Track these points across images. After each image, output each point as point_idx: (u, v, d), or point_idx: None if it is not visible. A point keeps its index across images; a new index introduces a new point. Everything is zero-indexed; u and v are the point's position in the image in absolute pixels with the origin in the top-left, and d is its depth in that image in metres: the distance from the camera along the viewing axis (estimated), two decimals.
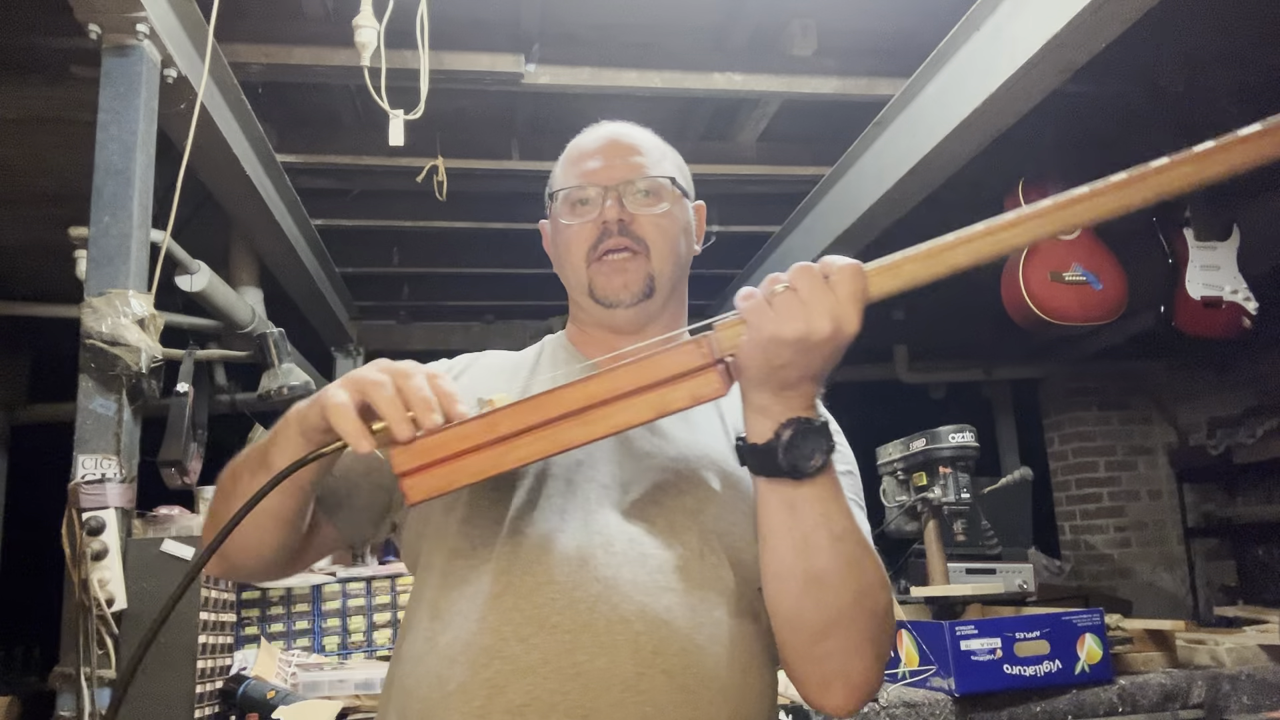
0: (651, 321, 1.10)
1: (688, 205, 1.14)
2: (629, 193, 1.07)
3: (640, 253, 1.06)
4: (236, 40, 2.30)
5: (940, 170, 2.51)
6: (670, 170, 1.12)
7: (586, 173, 1.09)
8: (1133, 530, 4.88)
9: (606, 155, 1.10)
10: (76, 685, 1.53)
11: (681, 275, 1.13)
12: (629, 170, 1.08)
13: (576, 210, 1.08)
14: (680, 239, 1.10)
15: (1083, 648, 1.94)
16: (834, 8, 2.48)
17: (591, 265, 1.07)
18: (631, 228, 1.06)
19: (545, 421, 0.79)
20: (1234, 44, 2.55)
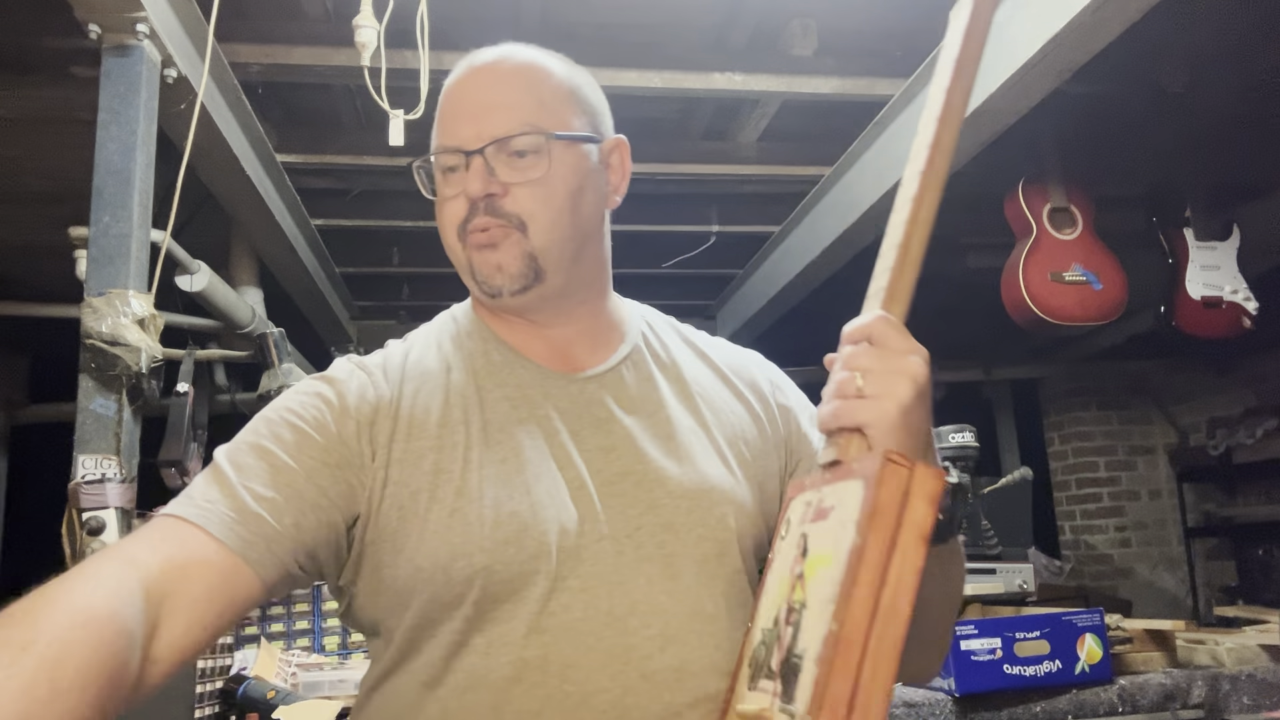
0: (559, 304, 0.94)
1: (585, 152, 0.92)
2: (497, 156, 0.88)
3: (514, 228, 0.88)
4: (236, 40, 2.30)
5: None
6: (552, 118, 0.90)
7: (446, 131, 0.91)
8: (1133, 530, 4.89)
9: (468, 106, 0.90)
10: None
11: (585, 243, 0.94)
12: (495, 125, 0.88)
13: (448, 179, 0.91)
14: (572, 201, 0.90)
15: (1083, 648, 1.94)
16: (834, 8, 2.48)
17: (465, 246, 0.91)
18: (503, 203, 0.88)
19: (859, 673, 0.64)
20: (1235, 43, 2.54)
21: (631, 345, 0.99)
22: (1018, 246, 2.87)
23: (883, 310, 0.77)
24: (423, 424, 0.88)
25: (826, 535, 0.72)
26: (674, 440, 0.93)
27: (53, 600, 0.66)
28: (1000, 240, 3.01)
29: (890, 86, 2.57)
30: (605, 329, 0.99)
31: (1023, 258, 2.81)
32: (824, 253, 3.12)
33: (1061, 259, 2.82)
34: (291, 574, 0.82)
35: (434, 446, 0.87)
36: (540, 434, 0.90)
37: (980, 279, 3.47)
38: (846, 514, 0.69)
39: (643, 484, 0.89)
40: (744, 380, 1.03)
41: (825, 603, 0.66)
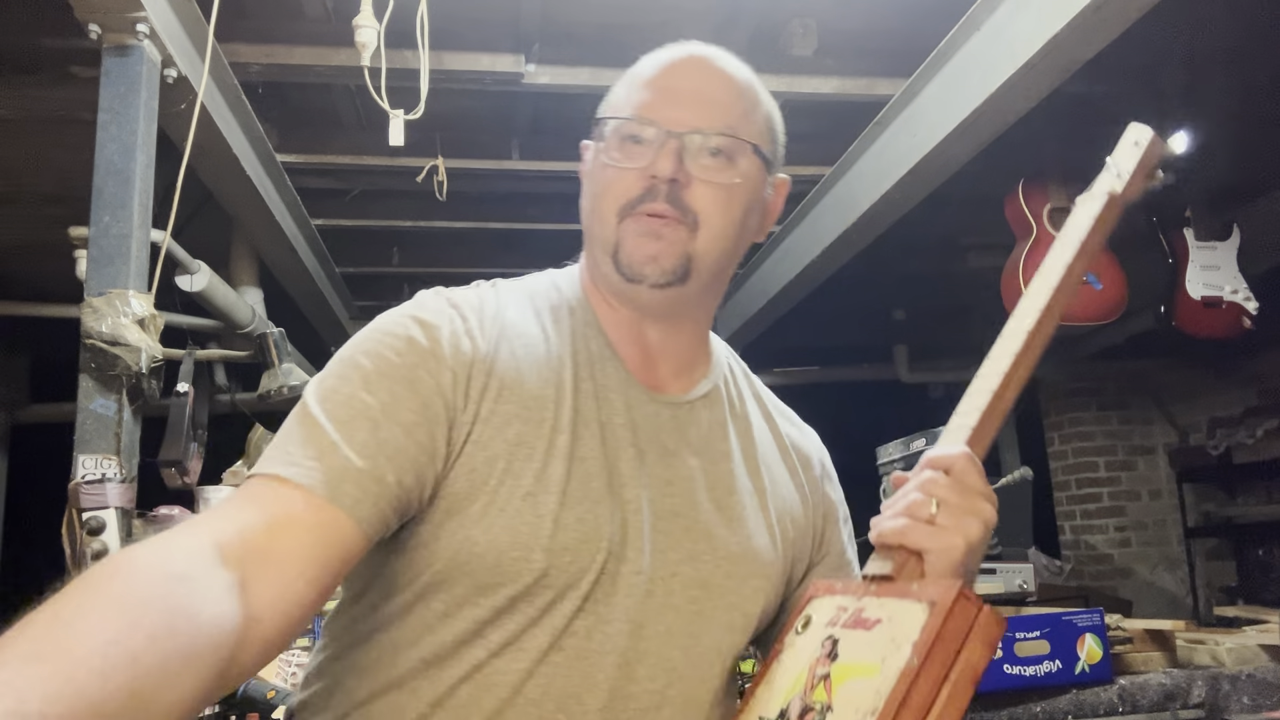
0: (681, 312, 0.92)
1: (768, 180, 0.92)
2: (694, 147, 0.85)
3: (684, 225, 0.85)
4: (236, 40, 2.30)
5: (940, 170, 2.51)
6: (755, 133, 0.89)
7: (648, 104, 0.87)
8: (1133, 530, 4.89)
9: (680, 89, 0.88)
10: None
11: (731, 261, 0.92)
12: (709, 118, 0.86)
13: (626, 149, 0.87)
14: (742, 217, 0.89)
15: (1083, 648, 1.94)
16: (834, 8, 2.48)
17: (624, 222, 0.86)
18: (683, 194, 0.85)
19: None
20: (1235, 43, 2.54)
21: (713, 384, 0.97)
22: (1018, 246, 2.88)
23: (967, 447, 0.79)
24: (514, 388, 0.83)
25: (869, 647, 0.71)
26: (731, 497, 0.91)
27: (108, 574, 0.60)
28: (1000, 240, 3.01)
29: (890, 86, 2.57)
30: (696, 357, 0.97)
31: (1023, 258, 2.81)
32: (824, 253, 3.12)
33: None
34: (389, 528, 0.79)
35: (520, 416, 0.83)
36: (615, 443, 0.87)
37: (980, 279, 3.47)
38: (901, 633, 0.69)
39: (691, 531, 0.87)
40: (800, 457, 1.02)
41: (863, 714, 0.66)
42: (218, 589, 0.63)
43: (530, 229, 3.50)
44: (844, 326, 4.49)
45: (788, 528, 0.96)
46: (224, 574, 0.64)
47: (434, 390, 0.80)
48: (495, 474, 0.80)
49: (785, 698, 0.75)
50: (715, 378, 0.97)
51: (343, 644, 0.86)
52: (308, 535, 0.71)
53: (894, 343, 4.70)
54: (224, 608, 0.63)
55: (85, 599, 0.57)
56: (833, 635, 0.76)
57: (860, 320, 4.47)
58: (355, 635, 0.85)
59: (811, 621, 0.80)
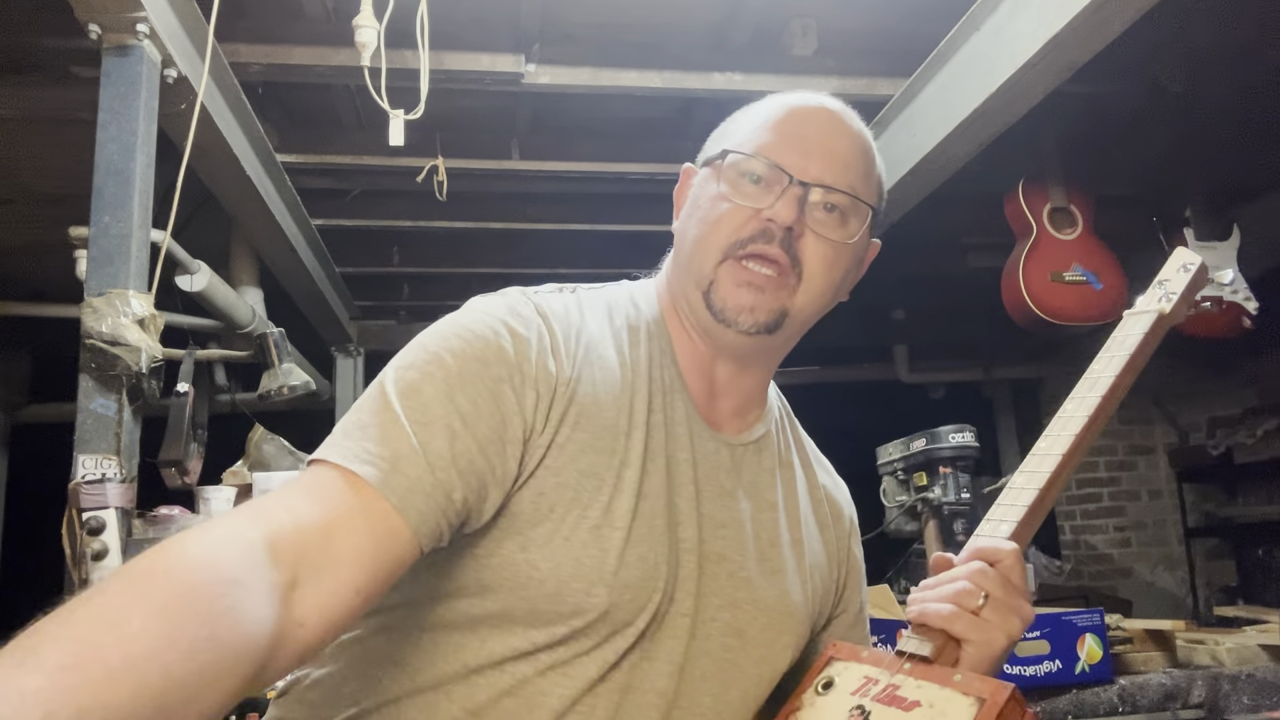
0: (758, 359, 0.92)
1: (866, 240, 0.92)
2: (815, 200, 0.85)
3: (789, 278, 0.85)
4: (236, 40, 2.30)
5: (940, 170, 2.51)
6: (874, 196, 0.91)
7: (775, 147, 0.87)
8: (1133, 530, 4.89)
9: (812, 139, 0.88)
10: None
11: (816, 319, 0.92)
12: (832, 172, 0.86)
13: (742, 186, 0.86)
14: (841, 276, 0.89)
15: (1083, 647, 1.94)
16: (834, 8, 2.48)
17: (726, 262, 0.85)
18: (798, 242, 0.85)
19: None
20: (1235, 43, 2.54)
21: (766, 429, 0.97)
22: (1018, 246, 2.87)
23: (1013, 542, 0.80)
24: (591, 416, 0.82)
25: None
26: (774, 548, 0.92)
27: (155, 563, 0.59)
28: (1000, 240, 3.01)
29: (890, 86, 2.57)
30: (755, 399, 0.97)
31: (1023, 258, 2.81)
32: None
33: (1061, 259, 2.82)
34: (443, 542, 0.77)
35: (593, 446, 0.81)
36: (678, 479, 0.86)
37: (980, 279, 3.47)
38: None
39: (735, 577, 0.87)
40: (834, 510, 1.03)
41: None
42: (264, 592, 0.61)
43: (530, 229, 3.50)
44: (844, 326, 4.49)
45: (816, 583, 0.96)
46: (274, 574, 0.62)
47: (515, 408, 0.79)
48: (564, 502, 0.79)
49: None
50: (768, 422, 0.98)
51: (368, 628, 0.84)
52: (368, 542, 0.69)
53: (894, 343, 4.70)
54: (268, 612, 0.60)
55: (131, 599, 0.55)
56: (863, 706, 0.75)
57: (860, 320, 4.47)
58: (384, 624, 0.83)
59: (834, 685, 0.80)
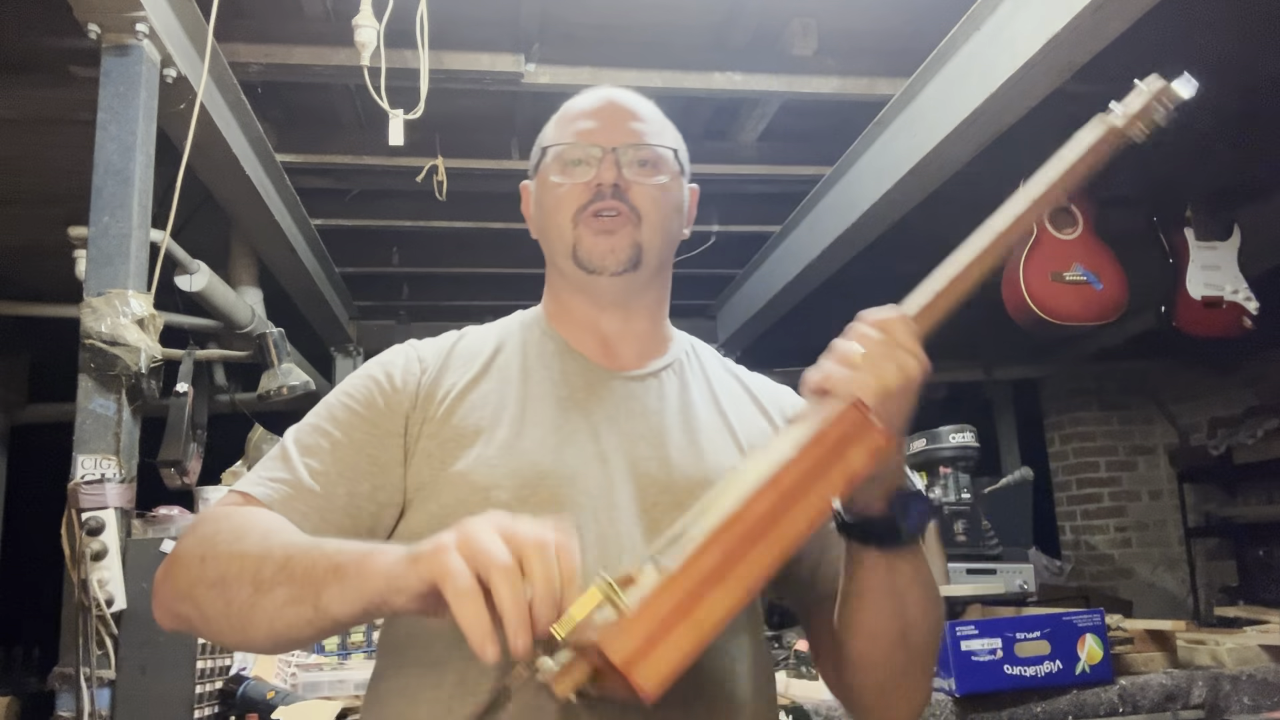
0: (635, 298, 1.04)
1: (684, 184, 1.08)
2: (627, 158, 1.01)
3: (630, 219, 1.00)
4: (236, 40, 2.30)
5: (940, 170, 2.50)
6: (671, 141, 1.06)
7: (583, 132, 1.03)
8: (1133, 530, 4.88)
9: (605, 117, 1.04)
10: (76, 685, 1.53)
11: (669, 255, 1.07)
12: (629, 135, 1.02)
13: (569, 170, 1.02)
14: (673, 216, 1.05)
15: (1083, 648, 1.94)
16: (834, 8, 2.48)
17: (579, 225, 1.00)
18: (627, 194, 1.00)
19: (736, 551, 0.68)
20: (1235, 43, 2.54)
21: (673, 358, 1.08)
22: (1018, 246, 2.87)
23: (899, 307, 0.85)
24: (463, 390, 0.98)
25: (763, 455, 0.76)
26: (699, 434, 1.00)
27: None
28: None
29: (890, 86, 2.57)
30: (655, 340, 1.08)
31: (1023, 258, 2.81)
32: (824, 253, 3.12)
33: (1062, 259, 2.82)
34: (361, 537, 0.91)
35: (472, 406, 0.97)
36: (577, 413, 0.98)
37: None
38: (792, 437, 0.75)
39: (664, 467, 0.96)
40: (773, 403, 1.10)
41: (735, 498, 0.70)
42: None
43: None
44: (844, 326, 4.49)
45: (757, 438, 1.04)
46: None
47: (384, 412, 0.97)
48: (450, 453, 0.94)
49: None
50: (675, 353, 1.09)
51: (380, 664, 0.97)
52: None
53: None
54: None
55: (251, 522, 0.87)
56: (737, 466, 0.82)
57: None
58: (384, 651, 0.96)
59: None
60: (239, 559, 0.81)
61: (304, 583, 0.76)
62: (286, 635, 0.79)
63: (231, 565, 0.81)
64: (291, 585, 0.76)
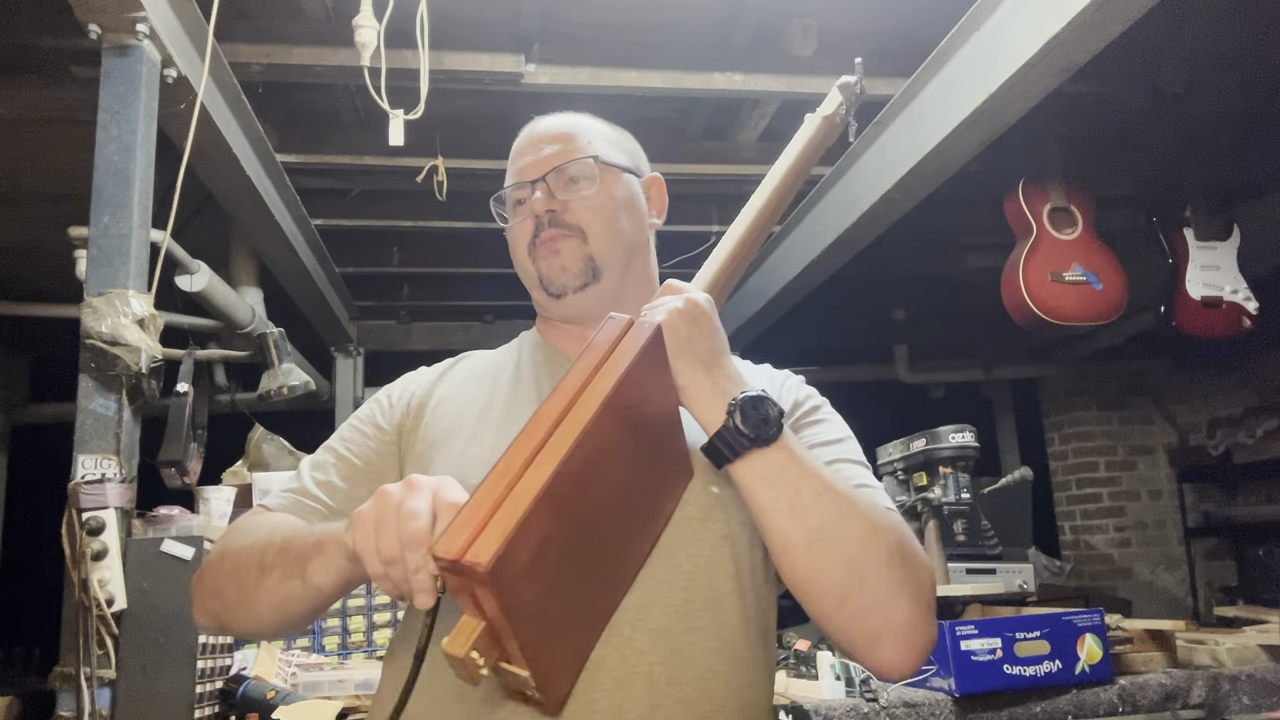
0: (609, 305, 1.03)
1: (627, 180, 1.12)
2: (556, 181, 1.07)
3: (575, 235, 1.05)
4: (236, 40, 2.30)
5: (940, 170, 2.50)
6: (596, 149, 1.10)
7: (518, 170, 1.10)
8: (1133, 530, 4.88)
9: (531, 149, 1.10)
10: (76, 685, 1.53)
11: (634, 253, 1.10)
12: (550, 160, 1.07)
13: (516, 211, 1.10)
14: (621, 216, 1.08)
15: (1083, 648, 1.94)
16: (834, 8, 2.48)
17: (534, 257, 1.07)
18: (563, 216, 1.05)
19: (541, 442, 0.78)
20: (1234, 43, 2.54)
21: None
22: (1018, 246, 2.87)
23: (697, 288, 0.99)
24: (454, 397, 1.07)
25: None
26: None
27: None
28: (1000, 240, 3.01)
29: (890, 86, 2.57)
30: None
31: (1023, 258, 2.81)
32: (824, 253, 3.11)
33: (1062, 259, 2.82)
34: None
35: (459, 410, 1.05)
36: None
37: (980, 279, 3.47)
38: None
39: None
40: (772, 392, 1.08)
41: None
42: None
43: None
44: (844, 326, 4.49)
45: None
46: None
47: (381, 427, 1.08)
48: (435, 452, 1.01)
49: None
50: None
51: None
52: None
53: (894, 343, 4.70)
54: None
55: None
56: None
57: (860, 320, 4.47)
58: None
59: None
60: (248, 550, 0.94)
61: (295, 560, 0.88)
62: (285, 610, 0.91)
63: (242, 556, 0.94)
64: (286, 564, 0.89)
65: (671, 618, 0.89)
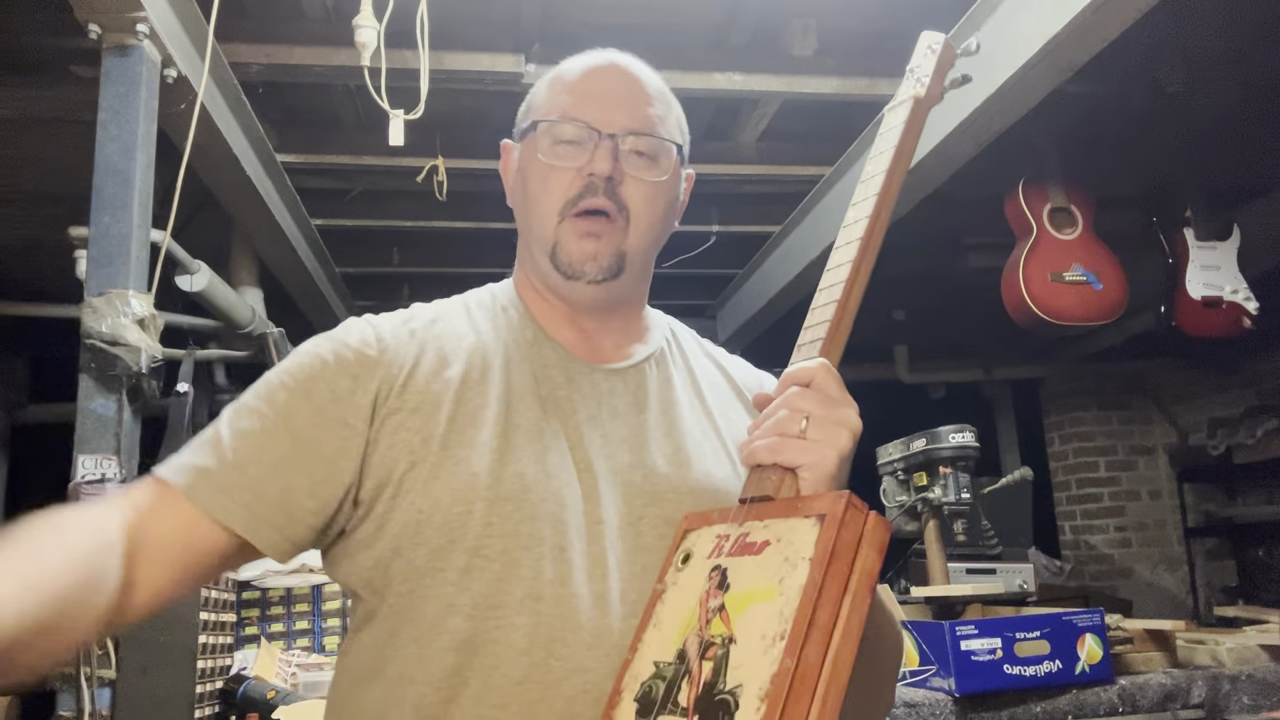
0: (616, 305, 0.97)
1: (682, 176, 1.00)
2: (625, 148, 0.92)
3: (619, 222, 0.92)
4: (236, 40, 2.30)
5: (940, 170, 2.51)
6: (676, 134, 0.98)
7: (581, 106, 0.93)
8: (1133, 530, 4.89)
9: (610, 93, 0.94)
10: (76, 685, 1.53)
11: (655, 254, 0.99)
12: (634, 120, 0.93)
13: (559, 150, 0.93)
14: (667, 215, 0.97)
15: (1083, 648, 1.94)
16: (834, 8, 2.48)
17: (564, 222, 0.92)
18: (619, 189, 0.91)
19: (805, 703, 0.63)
20: (1234, 43, 2.54)
21: (655, 347, 1.02)
22: (1018, 246, 2.87)
23: (822, 357, 0.81)
24: (439, 378, 0.89)
25: (761, 570, 0.70)
26: (685, 439, 0.95)
27: (45, 529, 0.78)
28: (1000, 240, 3.01)
29: (890, 86, 2.55)
30: (635, 330, 1.02)
31: (1023, 258, 2.81)
32: (824, 253, 3.10)
33: (1062, 259, 2.82)
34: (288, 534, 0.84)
35: (451, 399, 0.88)
36: (557, 414, 0.91)
37: (980, 279, 3.47)
38: (794, 551, 0.69)
39: (650, 477, 0.90)
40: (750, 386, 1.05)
41: (771, 639, 0.65)
42: (120, 556, 0.78)
43: None
44: None
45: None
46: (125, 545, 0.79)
47: (329, 397, 0.87)
48: (431, 450, 0.85)
49: (680, 637, 0.73)
50: (656, 342, 1.03)
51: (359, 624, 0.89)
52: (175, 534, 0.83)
53: (894, 343, 4.70)
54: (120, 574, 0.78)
55: (48, 541, 0.75)
56: (719, 565, 0.74)
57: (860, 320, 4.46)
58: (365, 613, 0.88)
59: (692, 556, 0.79)
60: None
61: None
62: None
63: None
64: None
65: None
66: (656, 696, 0.71)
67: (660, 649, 0.74)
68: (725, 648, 0.68)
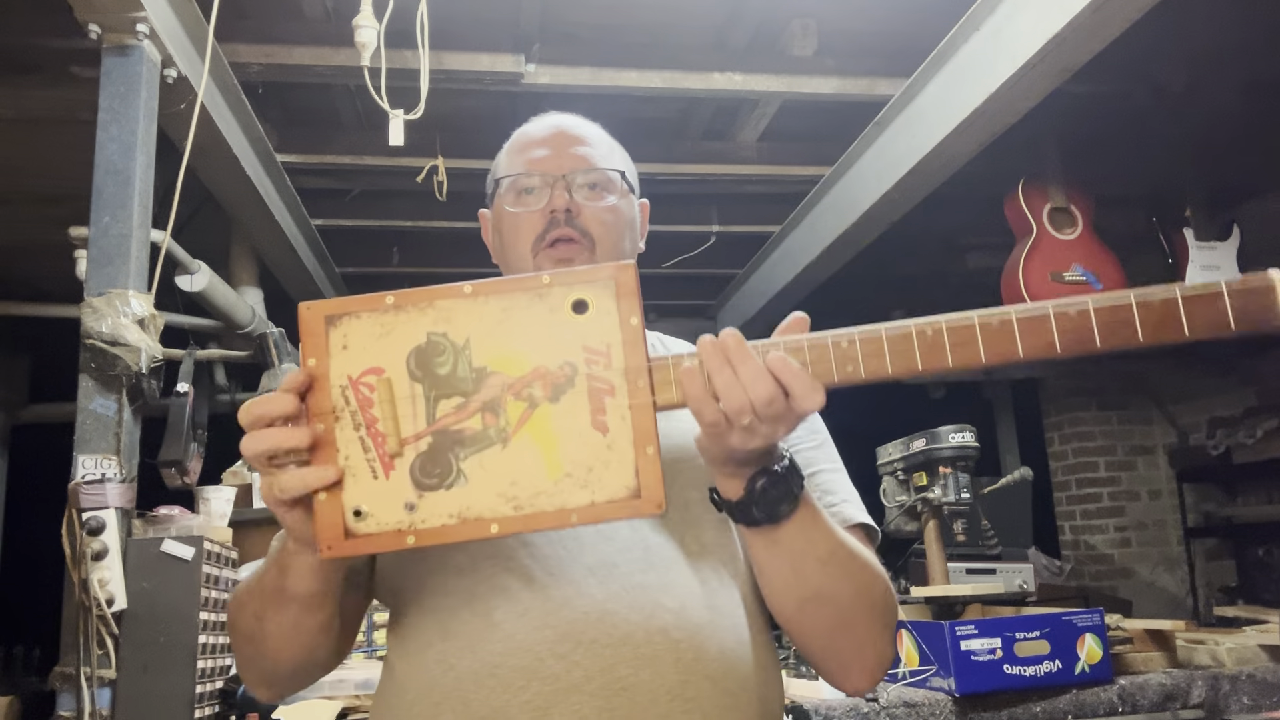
0: None
1: (634, 201, 1.12)
2: (576, 184, 1.05)
3: (585, 246, 1.03)
4: (236, 40, 2.30)
5: (940, 170, 2.51)
6: (619, 164, 1.10)
7: (533, 160, 1.07)
8: (1133, 530, 4.88)
9: (553, 144, 1.08)
10: (76, 685, 1.53)
11: None
12: (576, 161, 1.06)
13: (523, 199, 1.06)
14: (625, 235, 1.08)
15: (1083, 648, 1.94)
16: (834, 8, 2.48)
17: (538, 255, 1.03)
18: (578, 219, 1.03)
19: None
20: (1234, 42, 2.54)
21: None
22: (1018, 246, 2.88)
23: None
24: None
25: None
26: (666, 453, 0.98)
27: None
28: (1000, 240, 3.01)
29: (890, 86, 2.57)
30: None
31: (1023, 258, 2.81)
32: (824, 253, 3.12)
33: (1061, 259, 2.82)
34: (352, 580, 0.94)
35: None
36: None
37: (980, 279, 3.47)
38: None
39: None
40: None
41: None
42: None
43: None
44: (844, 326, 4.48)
45: None
46: None
47: None
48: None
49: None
50: None
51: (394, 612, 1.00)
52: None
53: None
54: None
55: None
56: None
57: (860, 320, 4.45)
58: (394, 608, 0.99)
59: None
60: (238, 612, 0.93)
61: (273, 590, 0.86)
62: (301, 640, 0.89)
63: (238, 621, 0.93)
64: (267, 598, 0.87)
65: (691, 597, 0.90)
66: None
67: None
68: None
